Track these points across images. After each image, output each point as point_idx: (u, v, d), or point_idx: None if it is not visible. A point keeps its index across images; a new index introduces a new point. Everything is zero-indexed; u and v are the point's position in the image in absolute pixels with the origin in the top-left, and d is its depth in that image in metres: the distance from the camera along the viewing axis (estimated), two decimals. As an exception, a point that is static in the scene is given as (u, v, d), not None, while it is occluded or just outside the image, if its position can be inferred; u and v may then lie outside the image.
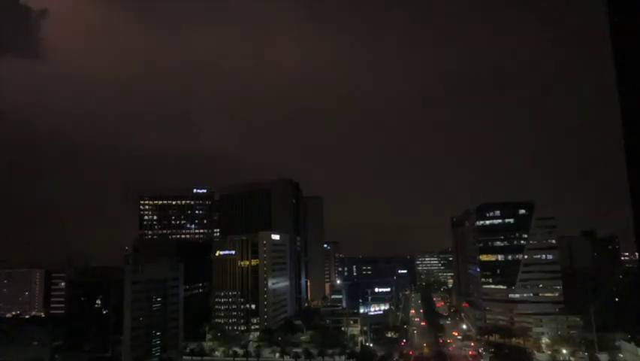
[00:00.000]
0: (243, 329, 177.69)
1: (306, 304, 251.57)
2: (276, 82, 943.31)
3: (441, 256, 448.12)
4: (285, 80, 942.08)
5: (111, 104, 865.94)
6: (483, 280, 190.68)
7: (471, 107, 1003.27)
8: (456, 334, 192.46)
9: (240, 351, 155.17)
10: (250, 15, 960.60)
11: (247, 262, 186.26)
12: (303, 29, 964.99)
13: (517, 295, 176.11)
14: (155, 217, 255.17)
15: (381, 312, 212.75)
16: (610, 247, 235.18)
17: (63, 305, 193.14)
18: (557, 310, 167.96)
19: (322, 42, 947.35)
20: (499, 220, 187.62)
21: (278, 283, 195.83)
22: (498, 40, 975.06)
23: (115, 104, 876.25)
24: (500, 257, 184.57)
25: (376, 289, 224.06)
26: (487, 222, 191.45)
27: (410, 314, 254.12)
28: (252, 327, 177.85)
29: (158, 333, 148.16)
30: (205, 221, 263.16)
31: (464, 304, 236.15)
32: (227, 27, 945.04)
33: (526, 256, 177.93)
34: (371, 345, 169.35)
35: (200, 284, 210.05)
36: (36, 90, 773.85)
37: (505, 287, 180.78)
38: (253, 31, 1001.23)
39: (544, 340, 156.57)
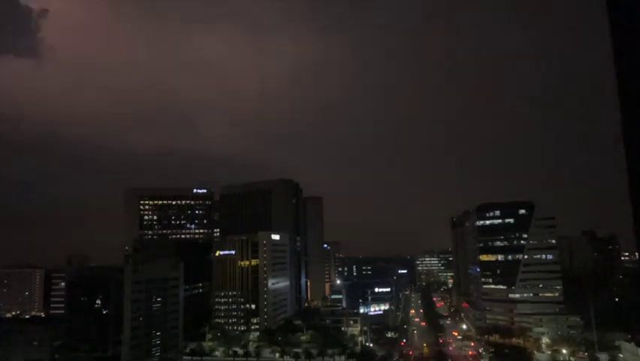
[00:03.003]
0: (243, 329, 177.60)
1: (306, 304, 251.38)
2: (277, 82, 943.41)
3: (441, 256, 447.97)
4: (285, 80, 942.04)
5: (111, 104, 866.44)
6: (483, 280, 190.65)
7: (471, 107, 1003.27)
8: (456, 334, 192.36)
9: (240, 351, 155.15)
10: (250, 15, 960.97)
11: (247, 262, 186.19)
12: (303, 29, 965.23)
13: (517, 295, 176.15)
14: (155, 217, 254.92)
15: (381, 312, 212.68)
16: (610, 247, 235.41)
17: (63, 305, 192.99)
18: (557, 310, 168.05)
19: (322, 41, 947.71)
20: (499, 220, 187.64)
21: (278, 283, 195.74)
22: (500, 37, 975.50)
23: (115, 104, 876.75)
24: (500, 257, 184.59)
25: (376, 289, 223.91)
26: (487, 222, 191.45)
27: (410, 314, 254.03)
28: (252, 327, 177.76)
29: (158, 333, 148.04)
30: (205, 221, 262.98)
31: (464, 304, 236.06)
32: (226, 27, 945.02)
33: (526, 256, 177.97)
34: (371, 345, 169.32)
35: (200, 284, 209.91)
36: (35, 89, 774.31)
37: (505, 287, 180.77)
38: (252, 32, 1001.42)
39: (544, 340, 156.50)
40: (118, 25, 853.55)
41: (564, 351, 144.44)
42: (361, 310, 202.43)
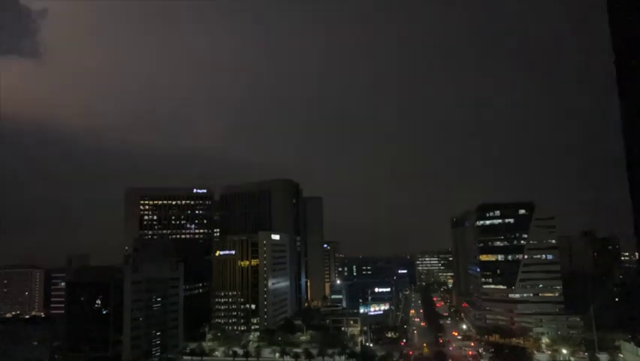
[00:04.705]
0: (243, 329, 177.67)
1: (306, 304, 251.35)
2: (277, 81, 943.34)
3: (441, 256, 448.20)
4: (285, 80, 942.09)
5: (111, 104, 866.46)
6: (483, 280, 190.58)
7: (471, 107, 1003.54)
8: (456, 334, 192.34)
9: (240, 351, 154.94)
10: (249, 16, 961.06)
11: (247, 262, 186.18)
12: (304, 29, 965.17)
13: (517, 295, 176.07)
14: (155, 217, 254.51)
15: (382, 312, 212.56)
16: (610, 247, 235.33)
17: (63, 305, 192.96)
18: (557, 310, 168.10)
19: (324, 39, 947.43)
20: (499, 220, 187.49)
21: (278, 283, 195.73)
22: (503, 38, 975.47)
23: (114, 104, 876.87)
24: (500, 257, 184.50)
25: (376, 289, 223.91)
26: (487, 222, 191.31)
27: (410, 314, 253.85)
28: (252, 327, 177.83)
29: (158, 333, 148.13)
30: (205, 221, 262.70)
31: (464, 304, 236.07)
32: (226, 27, 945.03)
33: (526, 256, 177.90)
34: (371, 345, 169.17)
35: (200, 284, 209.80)
36: (36, 90, 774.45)
37: (505, 287, 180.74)
38: (252, 31, 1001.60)
39: (544, 340, 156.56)
40: (117, 25, 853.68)
41: (564, 351, 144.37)
42: (361, 310, 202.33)
